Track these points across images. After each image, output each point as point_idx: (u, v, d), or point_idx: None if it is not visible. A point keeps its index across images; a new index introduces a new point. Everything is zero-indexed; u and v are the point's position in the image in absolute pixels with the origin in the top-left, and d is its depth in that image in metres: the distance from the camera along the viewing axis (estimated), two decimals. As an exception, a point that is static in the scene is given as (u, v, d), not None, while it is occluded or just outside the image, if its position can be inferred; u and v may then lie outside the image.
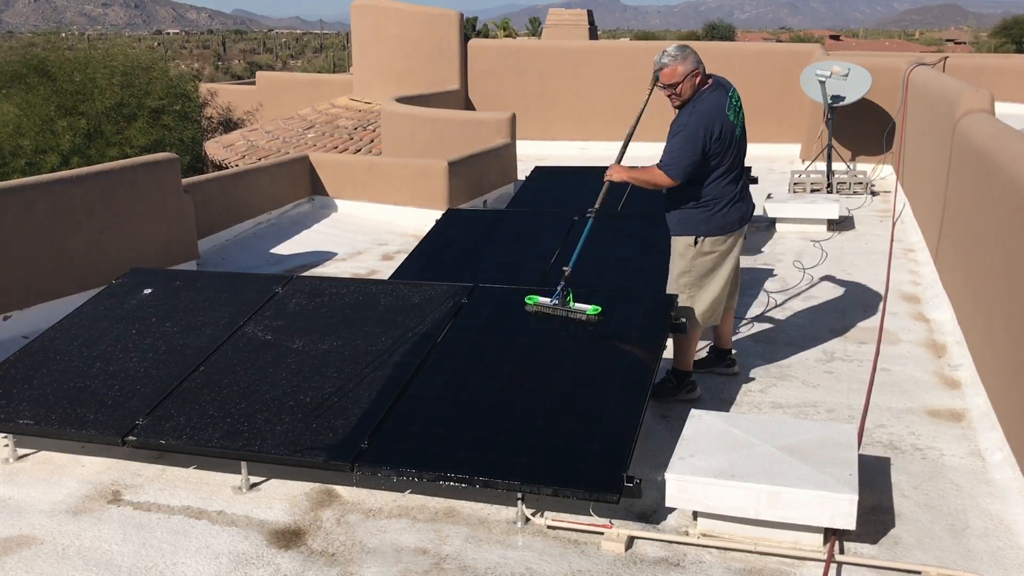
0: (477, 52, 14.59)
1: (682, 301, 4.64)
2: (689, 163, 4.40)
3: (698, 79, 4.48)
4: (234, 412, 4.07)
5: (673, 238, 4.70)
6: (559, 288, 4.61)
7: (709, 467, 3.40)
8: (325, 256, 8.15)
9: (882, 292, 6.46)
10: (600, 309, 4.52)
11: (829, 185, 10.15)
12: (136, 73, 16.61)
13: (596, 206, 4.75)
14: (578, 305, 4.56)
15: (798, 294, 6.52)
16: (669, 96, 4.52)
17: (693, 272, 4.63)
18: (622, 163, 4.72)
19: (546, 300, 4.63)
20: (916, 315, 6.06)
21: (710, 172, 4.50)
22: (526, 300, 4.65)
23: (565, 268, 4.66)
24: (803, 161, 11.57)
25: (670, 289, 4.72)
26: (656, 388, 4.54)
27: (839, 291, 6.59)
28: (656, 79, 4.53)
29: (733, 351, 5.08)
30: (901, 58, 11.94)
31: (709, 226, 4.57)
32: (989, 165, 4.97)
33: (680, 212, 4.62)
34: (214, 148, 16.32)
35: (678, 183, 4.46)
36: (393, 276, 6.41)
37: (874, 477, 3.85)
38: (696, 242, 4.59)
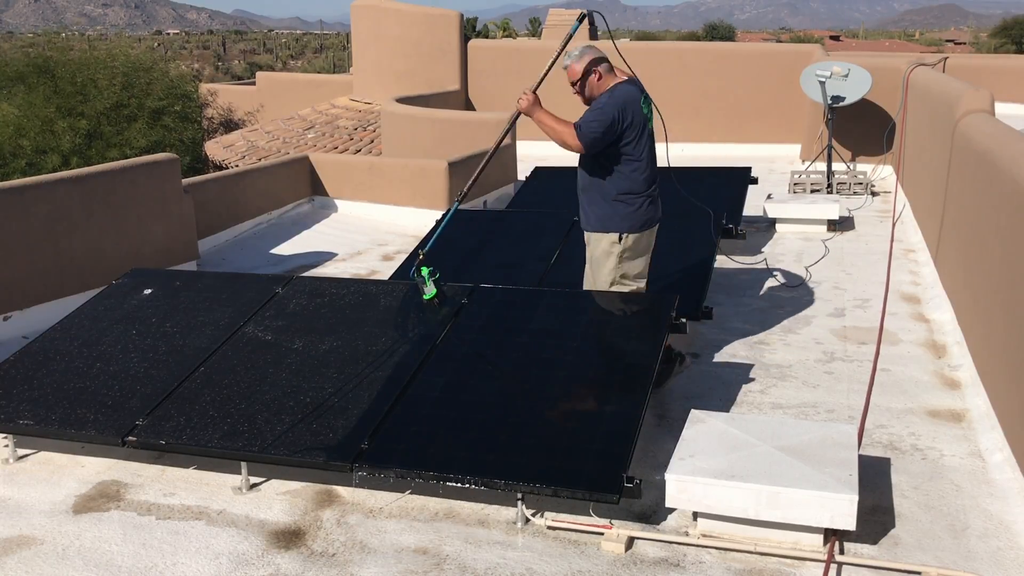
0: (477, 52, 14.58)
1: None
2: (600, 134, 4.47)
3: (598, 75, 4.59)
4: (234, 412, 4.07)
5: (594, 235, 4.74)
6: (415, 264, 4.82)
7: (709, 467, 3.40)
8: (325, 256, 8.15)
9: (882, 292, 6.46)
10: (434, 294, 4.73)
11: (829, 185, 10.15)
12: (136, 74, 16.62)
13: (493, 148, 4.82)
14: (430, 285, 4.76)
15: (798, 294, 6.52)
16: (576, 93, 4.67)
17: (621, 270, 4.72)
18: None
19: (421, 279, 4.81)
20: (916, 315, 6.06)
21: (624, 163, 4.58)
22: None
23: (420, 251, 4.87)
24: (803, 161, 11.57)
25: (597, 288, 4.81)
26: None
27: (839, 291, 6.59)
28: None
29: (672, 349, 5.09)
30: (901, 59, 11.94)
31: (632, 222, 4.66)
32: (989, 165, 4.97)
33: (602, 209, 4.69)
34: (214, 148, 16.33)
35: (583, 151, 4.53)
36: (393, 276, 6.42)
37: (874, 477, 3.85)
38: (620, 239, 4.67)
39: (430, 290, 4.77)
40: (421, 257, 4.85)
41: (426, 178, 9.16)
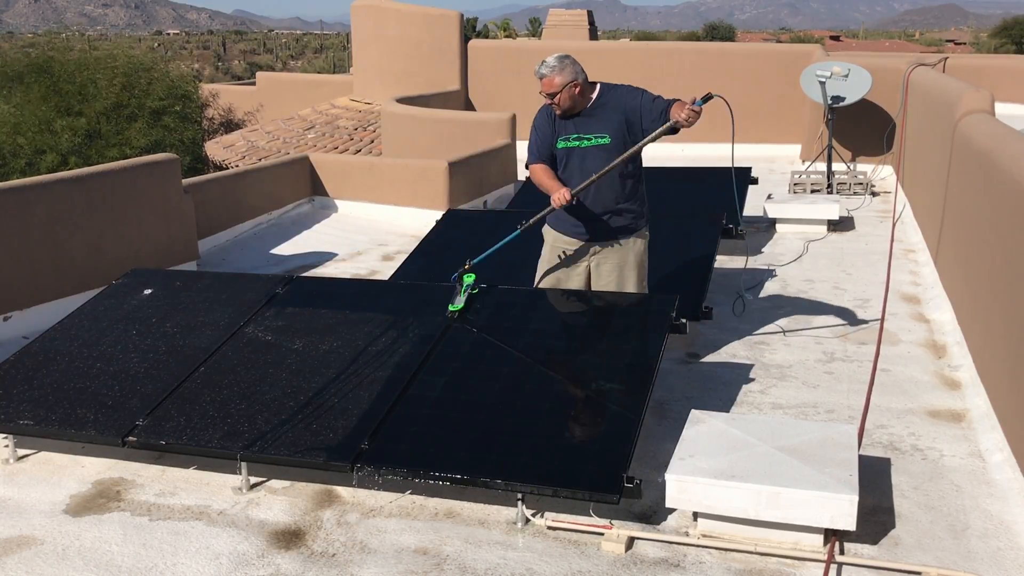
0: (477, 53, 14.59)
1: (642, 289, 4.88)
2: None
3: (577, 89, 4.51)
4: (234, 413, 4.07)
5: (633, 239, 4.81)
6: (457, 273, 4.79)
7: (709, 468, 3.40)
8: (325, 257, 8.15)
9: (882, 293, 6.46)
10: (461, 307, 4.64)
11: (829, 186, 10.15)
12: (136, 74, 16.62)
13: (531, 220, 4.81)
14: (460, 298, 4.70)
15: (798, 294, 6.52)
16: (550, 104, 4.59)
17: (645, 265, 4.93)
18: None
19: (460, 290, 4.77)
20: (916, 316, 6.06)
21: (639, 161, 4.77)
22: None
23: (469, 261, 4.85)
24: (803, 162, 11.58)
25: (640, 289, 4.87)
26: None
27: (839, 291, 6.59)
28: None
29: None
30: (901, 59, 11.94)
31: (648, 219, 4.92)
32: (989, 166, 4.97)
33: (640, 206, 4.80)
34: (214, 148, 16.34)
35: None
36: (393, 276, 6.42)
37: (874, 478, 3.85)
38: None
39: (459, 303, 4.65)
40: (467, 266, 4.76)
41: (426, 178, 9.16)
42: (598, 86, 4.62)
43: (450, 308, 4.65)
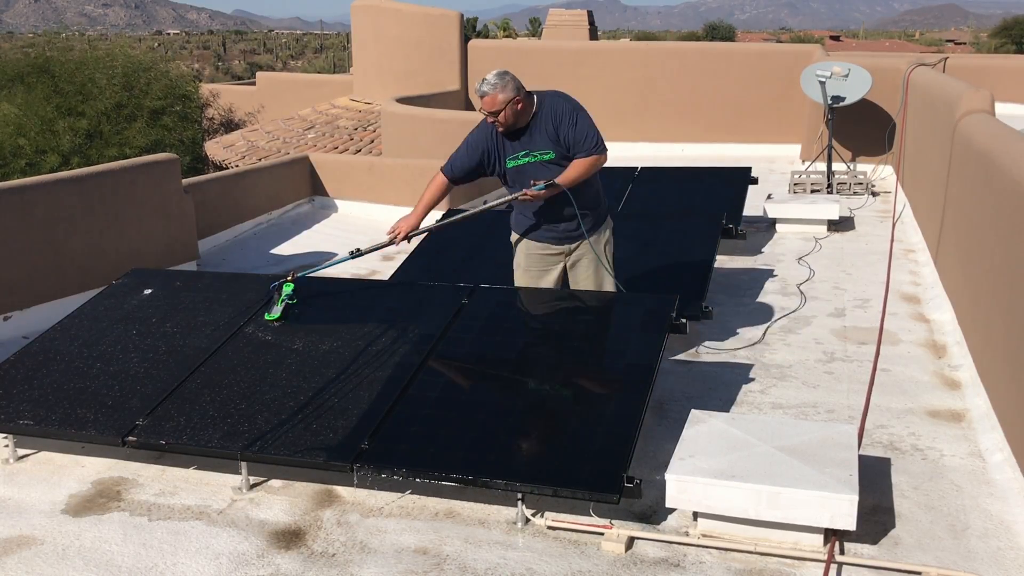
0: (477, 53, 14.58)
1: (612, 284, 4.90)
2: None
3: (520, 105, 4.48)
4: (234, 412, 4.07)
5: (597, 236, 4.83)
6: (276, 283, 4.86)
7: (709, 467, 3.40)
8: (325, 257, 8.15)
9: (882, 292, 6.46)
10: (276, 316, 4.71)
11: (829, 185, 10.15)
12: (136, 74, 16.63)
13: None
14: (280, 307, 4.77)
15: (798, 294, 6.52)
16: (492, 123, 4.56)
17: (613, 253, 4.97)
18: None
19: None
20: (916, 315, 6.06)
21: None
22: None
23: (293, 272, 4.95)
24: (803, 161, 11.57)
25: (613, 283, 4.92)
26: None
27: (839, 291, 6.59)
28: None
29: None
30: (901, 59, 11.94)
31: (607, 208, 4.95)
32: (989, 166, 4.97)
33: (600, 204, 4.85)
34: (214, 148, 16.33)
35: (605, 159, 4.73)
36: (393, 276, 6.42)
37: (874, 478, 3.85)
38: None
39: (276, 311, 4.74)
40: (291, 276, 4.88)
41: (426, 178, 9.10)
42: (534, 98, 4.60)
43: (267, 316, 4.74)
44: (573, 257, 4.85)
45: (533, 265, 4.88)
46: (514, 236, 4.93)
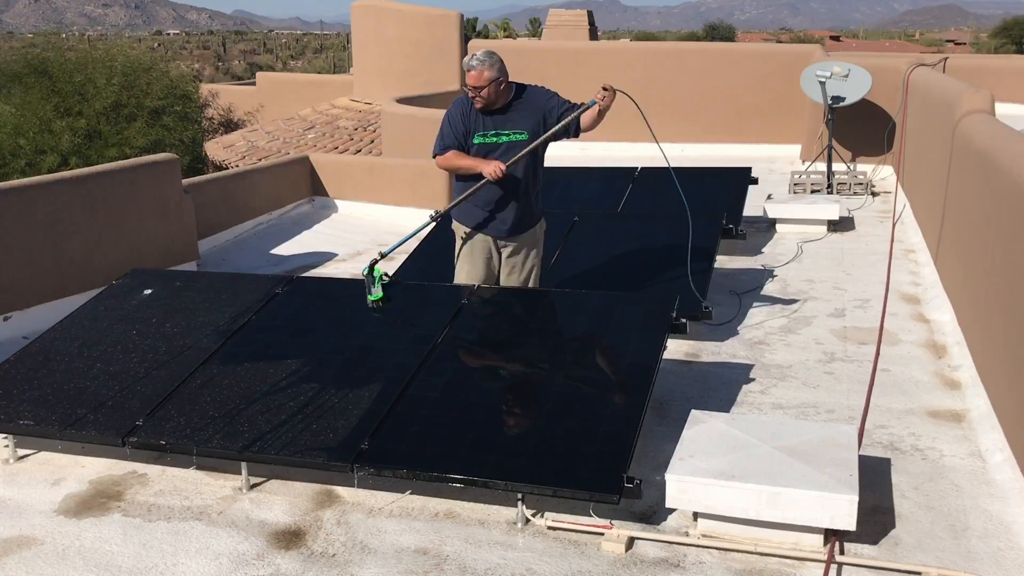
0: (477, 53, 14.57)
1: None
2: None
3: (502, 86, 4.77)
4: (234, 413, 4.07)
5: (538, 228, 5.11)
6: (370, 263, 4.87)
7: (709, 468, 3.40)
8: (325, 257, 8.15)
9: (882, 293, 6.45)
10: (380, 296, 4.75)
11: (829, 186, 10.15)
12: (136, 74, 16.63)
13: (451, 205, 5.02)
14: (378, 287, 4.79)
15: (798, 294, 6.52)
16: (473, 98, 4.81)
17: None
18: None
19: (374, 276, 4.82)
20: (916, 316, 6.06)
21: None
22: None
23: (381, 251, 4.99)
24: (803, 162, 11.57)
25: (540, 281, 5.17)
26: None
27: (839, 291, 6.59)
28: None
29: None
30: (901, 59, 11.94)
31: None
32: (989, 166, 4.97)
33: (539, 200, 5.08)
34: (214, 149, 16.34)
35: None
36: (393, 276, 6.41)
37: (874, 478, 3.85)
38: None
39: (377, 292, 4.78)
40: (378, 258, 4.90)
41: (426, 178, 9.16)
42: (514, 86, 4.87)
43: (370, 299, 4.77)
44: (512, 248, 5.04)
45: (480, 256, 5.02)
46: (460, 227, 5.04)
